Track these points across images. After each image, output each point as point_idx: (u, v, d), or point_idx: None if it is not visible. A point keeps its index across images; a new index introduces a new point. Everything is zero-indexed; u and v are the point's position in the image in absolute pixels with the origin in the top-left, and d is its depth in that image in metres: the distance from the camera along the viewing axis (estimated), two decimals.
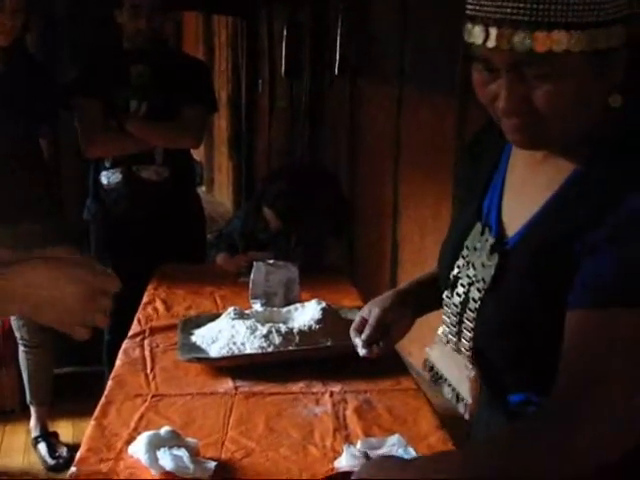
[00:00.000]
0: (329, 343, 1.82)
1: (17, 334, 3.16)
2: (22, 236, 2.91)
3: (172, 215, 3.09)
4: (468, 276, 1.16)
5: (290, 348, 1.78)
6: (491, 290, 1.12)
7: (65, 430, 3.47)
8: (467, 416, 1.28)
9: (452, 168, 2.81)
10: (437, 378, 1.34)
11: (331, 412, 1.59)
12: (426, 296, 1.42)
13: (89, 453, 1.44)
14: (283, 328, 1.82)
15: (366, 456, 1.35)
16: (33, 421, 3.35)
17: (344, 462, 1.35)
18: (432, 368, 1.35)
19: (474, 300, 1.15)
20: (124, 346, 1.98)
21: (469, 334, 1.18)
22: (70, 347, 3.55)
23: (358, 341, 1.45)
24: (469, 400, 1.28)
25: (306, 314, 1.92)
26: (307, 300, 2.04)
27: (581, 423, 0.96)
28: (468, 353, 1.21)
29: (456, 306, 1.20)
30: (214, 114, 3.50)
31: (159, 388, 1.71)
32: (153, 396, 1.66)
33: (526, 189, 1.12)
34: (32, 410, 3.35)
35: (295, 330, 1.82)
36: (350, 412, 1.59)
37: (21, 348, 3.23)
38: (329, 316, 1.89)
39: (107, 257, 3.11)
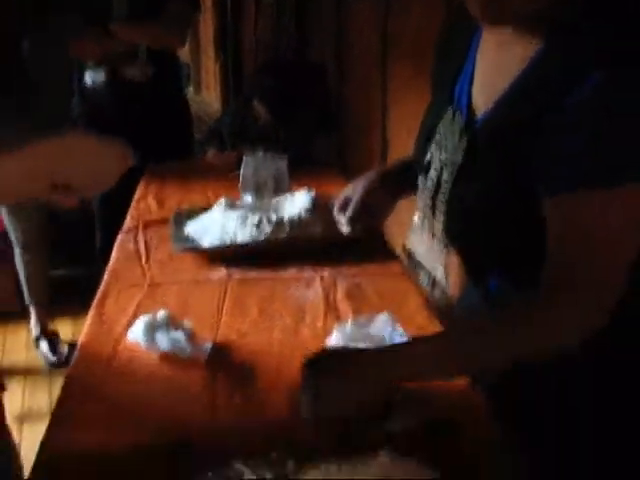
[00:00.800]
0: (319, 231, 1.85)
1: (12, 236, 3.20)
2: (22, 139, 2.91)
3: (158, 115, 3.08)
4: (440, 160, 1.19)
5: (281, 236, 1.82)
6: (460, 172, 1.15)
7: (65, 329, 3.56)
8: (440, 298, 1.33)
9: None
10: (415, 264, 1.38)
11: (322, 296, 1.64)
12: (409, 178, 1.42)
13: (90, 339, 1.49)
14: (274, 217, 1.85)
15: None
16: (33, 321, 3.43)
17: (335, 341, 1.40)
18: (410, 255, 1.39)
19: (445, 182, 1.18)
20: (118, 241, 2.01)
21: (442, 218, 1.21)
22: (65, 249, 3.62)
23: (342, 219, 1.48)
24: (445, 286, 1.32)
25: (296, 203, 1.94)
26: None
27: (563, 307, 1.01)
28: (441, 237, 1.25)
29: (429, 190, 1.23)
30: (198, 14, 3.43)
31: (155, 278, 1.74)
32: (149, 285, 1.71)
33: (493, 72, 1.14)
34: (31, 310, 3.42)
35: (286, 219, 1.85)
36: (340, 295, 1.64)
37: (16, 250, 3.27)
38: (319, 205, 1.91)
39: None
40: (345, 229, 1.52)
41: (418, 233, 1.35)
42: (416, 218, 1.35)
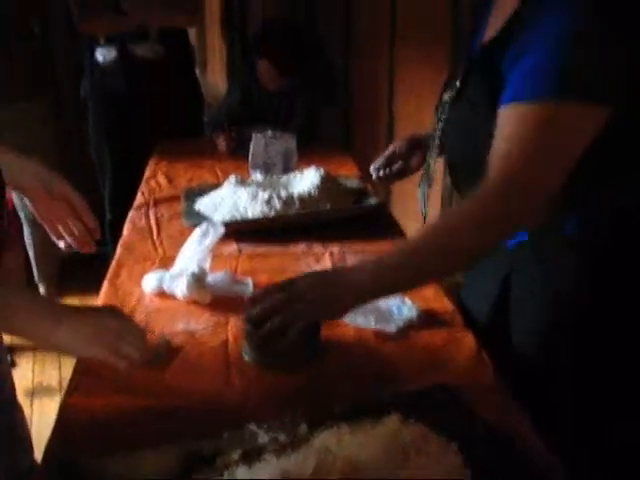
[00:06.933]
0: (328, 207, 1.88)
1: (21, 213, 3.22)
2: (20, 115, 2.95)
3: (168, 93, 3.10)
4: (450, 96, 1.34)
5: (291, 213, 1.85)
6: (458, 93, 1.31)
7: (74, 305, 3.58)
8: (423, 215, 1.50)
9: (449, 40, 2.81)
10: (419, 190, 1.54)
11: None
12: None
13: None
14: (284, 194, 1.88)
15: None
16: None
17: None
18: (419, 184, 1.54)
19: (445, 104, 1.34)
20: (129, 217, 2.04)
21: (437, 142, 1.38)
22: None
23: (371, 168, 1.74)
24: (425, 211, 1.49)
25: (305, 181, 1.97)
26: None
27: (517, 192, 1.11)
28: (432, 163, 1.43)
29: (435, 120, 1.39)
30: None
31: (167, 252, 1.78)
32: (161, 259, 1.74)
33: (499, 12, 1.27)
34: (40, 288, 3.46)
35: (295, 195, 1.88)
36: None
37: (26, 227, 3.30)
38: (327, 182, 1.94)
39: (104, 134, 3.15)
40: (373, 175, 1.74)
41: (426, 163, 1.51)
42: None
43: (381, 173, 1.73)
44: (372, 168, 1.75)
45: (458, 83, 1.30)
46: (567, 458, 1.05)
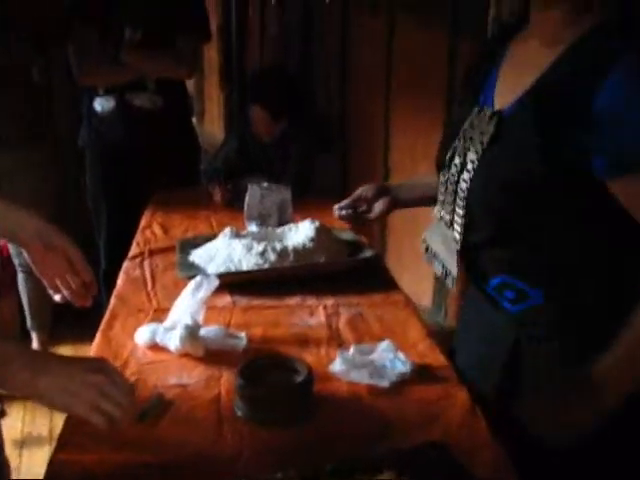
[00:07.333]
0: (322, 260, 1.89)
1: (16, 261, 3.23)
2: (19, 164, 2.98)
3: (165, 143, 3.12)
4: (465, 147, 1.28)
5: (285, 265, 1.86)
6: (487, 152, 1.23)
7: (66, 355, 3.56)
8: (451, 286, 1.41)
9: (445, 94, 2.85)
10: (431, 256, 1.48)
11: (325, 324, 1.67)
12: (409, 190, 1.70)
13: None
14: (278, 246, 1.88)
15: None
16: (35, 346, 3.45)
17: (338, 367, 1.43)
18: (427, 248, 1.49)
19: (471, 162, 1.26)
20: (124, 267, 2.04)
21: (462, 203, 1.29)
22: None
23: (335, 206, 1.78)
24: (454, 273, 1.41)
25: (300, 233, 1.98)
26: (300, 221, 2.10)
27: None
28: (460, 222, 1.31)
29: (453, 176, 1.31)
30: (207, 42, 3.48)
31: (161, 304, 1.77)
32: (155, 311, 1.73)
33: (515, 76, 1.25)
34: (33, 335, 3.45)
35: (290, 248, 1.88)
36: (343, 323, 1.67)
37: (20, 275, 3.30)
38: (322, 235, 1.95)
39: (101, 184, 3.17)
40: (336, 213, 1.78)
41: (435, 225, 1.45)
42: (435, 211, 1.44)
43: (343, 212, 1.77)
44: (336, 207, 1.79)
45: (489, 134, 1.23)
46: None
